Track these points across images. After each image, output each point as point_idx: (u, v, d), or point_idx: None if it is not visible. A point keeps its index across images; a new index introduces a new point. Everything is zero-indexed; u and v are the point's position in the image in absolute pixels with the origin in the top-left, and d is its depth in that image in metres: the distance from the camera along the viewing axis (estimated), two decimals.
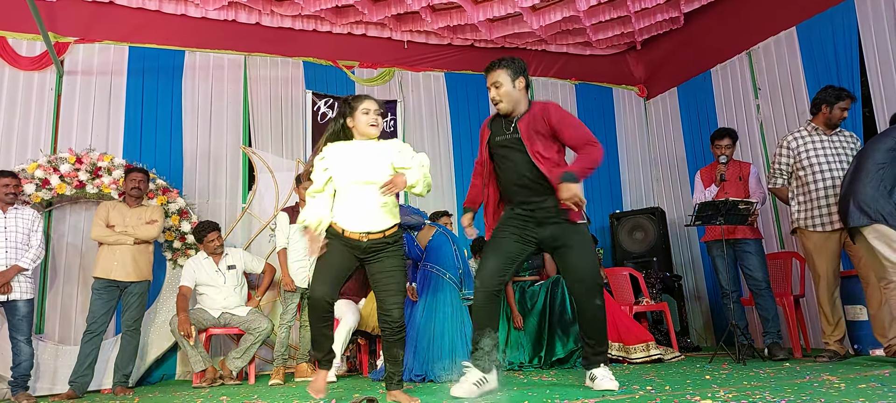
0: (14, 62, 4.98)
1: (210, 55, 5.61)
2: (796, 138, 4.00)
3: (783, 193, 4.11)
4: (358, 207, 2.77)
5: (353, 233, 2.75)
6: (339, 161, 2.82)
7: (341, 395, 3.29)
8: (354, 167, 2.79)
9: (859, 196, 3.34)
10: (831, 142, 3.92)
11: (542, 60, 6.67)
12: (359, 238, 2.75)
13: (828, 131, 3.95)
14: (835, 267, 3.86)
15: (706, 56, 6.12)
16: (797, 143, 3.98)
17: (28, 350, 3.97)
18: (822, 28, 5.00)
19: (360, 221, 2.76)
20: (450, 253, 4.09)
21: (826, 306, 3.86)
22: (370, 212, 2.76)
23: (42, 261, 4.49)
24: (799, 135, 4.01)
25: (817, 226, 3.85)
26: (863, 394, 2.31)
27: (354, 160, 2.81)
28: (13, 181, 4.09)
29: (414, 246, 4.16)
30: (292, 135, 5.74)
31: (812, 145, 3.93)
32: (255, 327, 4.48)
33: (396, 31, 6.06)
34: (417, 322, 3.91)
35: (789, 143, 4.01)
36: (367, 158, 2.81)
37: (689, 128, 6.36)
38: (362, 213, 2.76)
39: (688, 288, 6.20)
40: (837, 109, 3.89)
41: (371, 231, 2.76)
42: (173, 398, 3.62)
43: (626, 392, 2.75)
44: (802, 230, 3.95)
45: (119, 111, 5.24)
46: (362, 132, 2.85)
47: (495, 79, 3.04)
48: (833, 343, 3.84)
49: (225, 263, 4.68)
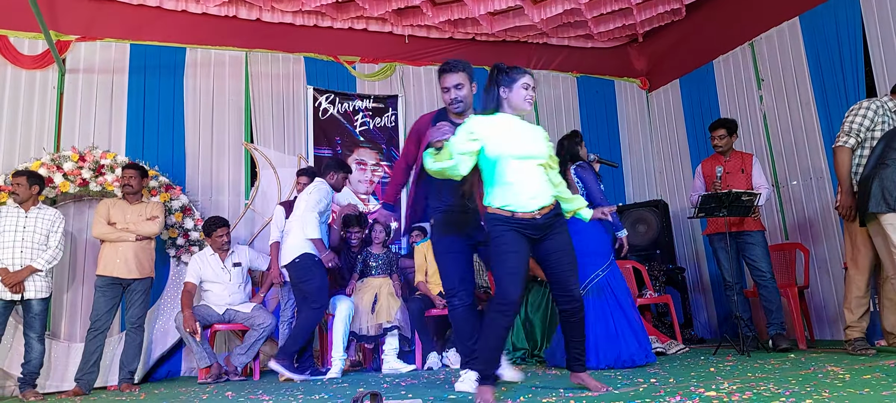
0: (16, 61, 4.99)
1: (211, 52, 5.61)
2: (882, 105, 3.51)
3: (846, 158, 3.51)
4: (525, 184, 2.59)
5: (525, 213, 2.57)
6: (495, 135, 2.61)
7: (346, 390, 3.30)
8: (517, 141, 2.62)
9: (886, 181, 3.21)
10: None
11: (544, 54, 6.65)
12: (533, 216, 2.58)
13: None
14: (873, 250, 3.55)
15: (708, 47, 6.09)
16: (883, 112, 3.50)
17: (40, 348, 4.00)
18: (826, 18, 4.97)
19: (531, 200, 2.58)
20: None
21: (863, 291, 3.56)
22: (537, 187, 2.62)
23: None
24: (884, 105, 3.52)
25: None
26: (868, 384, 2.31)
27: (515, 134, 2.64)
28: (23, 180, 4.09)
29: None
30: (294, 131, 5.75)
31: (890, 121, 3.50)
32: (259, 323, 4.49)
33: (397, 25, 6.05)
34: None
35: (876, 110, 3.49)
36: (525, 132, 2.67)
37: (691, 120, 6.34)
38: (532, 190, 2.59)
39: (691, 280, 6.20)
40: None
41: (543, 205, 2.60)
42: (179, 394, 3.64)
43: (630, 385, 2.75)
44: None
45: (121, 109, 5.25)
46: (517, 107, 2.70)
47: (459, 80, 3.03)
48: (860, 332, 3.61)
49: (231, 260, 4.69)
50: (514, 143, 2.61)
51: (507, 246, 2.54)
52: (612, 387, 2.72)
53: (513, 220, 2.56)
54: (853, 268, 3.63)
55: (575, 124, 6.67)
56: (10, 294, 3.91)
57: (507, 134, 2.63)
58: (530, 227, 2.58)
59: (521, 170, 2.59)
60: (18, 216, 4.05)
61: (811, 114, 5.11)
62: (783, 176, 5.36)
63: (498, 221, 2.58)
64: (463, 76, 3.04)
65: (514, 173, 2.58)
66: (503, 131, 2.63)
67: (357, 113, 5.94)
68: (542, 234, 2.62)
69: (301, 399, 3.04)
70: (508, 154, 2.58)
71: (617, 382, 2.91)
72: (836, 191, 3.64)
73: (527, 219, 2.56)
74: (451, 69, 3.05)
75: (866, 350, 3.50)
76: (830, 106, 4.91)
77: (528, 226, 2.57)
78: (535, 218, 2.57)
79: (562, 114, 6.66)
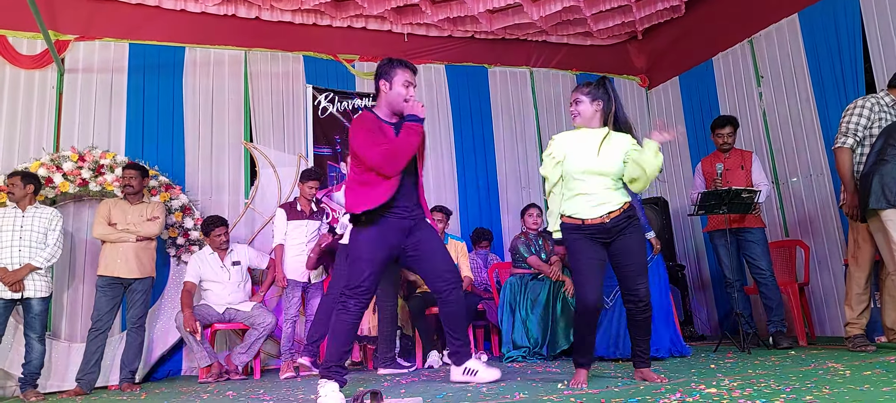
0: (15, 61, 4.98)
1: (210, 51, 5.61)
2: (878, 102, 3.51)
3: (847, 158, 3.52)
4: (591, 195, 2.80)
5: (594, 220, 2.77)
6: (569, 150, 2.87)
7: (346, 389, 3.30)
8: (587, 156, 2.83)
9: (886, 177, 3.20)
10: None
11: (543, 51, 6.64)
12: (601, 220, 2.77)
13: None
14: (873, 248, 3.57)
15: (708, 44, 6.09)
16: (878, 108, 3.50)
17: (40, 349, 4.00)
18: (825, 14, 4.97)
19: (597, 207, 2.78)
20: None
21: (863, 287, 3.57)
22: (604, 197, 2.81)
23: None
24: (880, 101, 3.52)
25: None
26: (868, 381, 2.31)
27: (587, 148, 2.85)
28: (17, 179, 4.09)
29: None
30: (294, 130, 5.74)
31: (888, 116, 3.49)
32: (259, 322, 4.49)
33: (396, 23, 6.04)
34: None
35: (871, 106, 3.50)
36: (595, 146, 2.86)
37: (691, 117, 6.34)
38: (598, 200, 2.80)
39: (692, 277, 6.20)
40: None
41: (611, 209, 2.78)
42: (180, 393, 3.64)
43: (630, 383, 2.76)
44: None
45: (120, 108, 5.24)
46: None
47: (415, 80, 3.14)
48: (860, 329, 3.62)
49: (230, 259, 4.69)
50: (584, 158, 2.83)
51: (583, 255, 2.78)
52: (613, 385, 2.72)
53: (582, 227, 2.78)
54: (853, 265, 3.63)
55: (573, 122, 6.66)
56: (9, 293, 3.91)
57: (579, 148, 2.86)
58: (601, 232, 2.78)
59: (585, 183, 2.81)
60: (16, 216, 4.05)
61: (810, 111, 5.11)
62: (783, 172, 5.36)
63: (570, 229, 2.82)
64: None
65: (579, 185, 2.82)
66: (576, 146, 2.87)
67: (356, 111, 5.93)
68: (613, 237, 2.80)
69: (301, 398, 3.04)
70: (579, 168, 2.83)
71: (617, 380, 2.92)
72: (839, 189, 3.64)
73: (595, 224, 2.77)
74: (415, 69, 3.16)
75: (866, 346, 3.50)
76: (830, 102, 4.91)
77: (598, 232, 2.78)
78: (605, 223, 2.77)
79: (561, 112, 6.66)
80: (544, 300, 4.48)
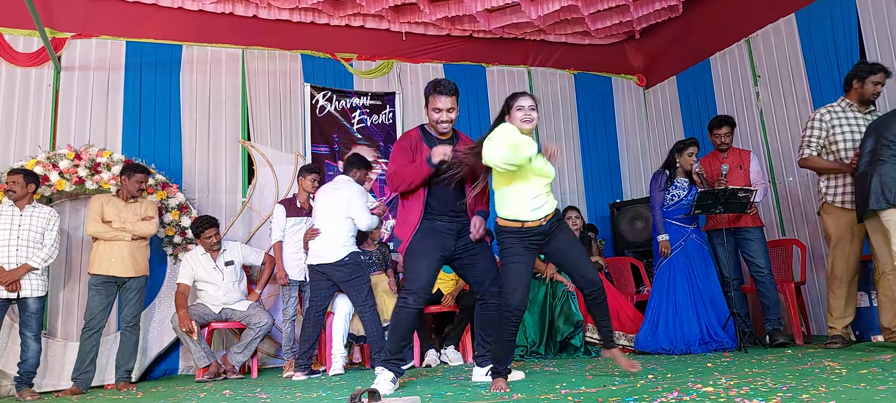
0: (11, 58, 4.96)
1: (208, 49, 5.59)
2: (830, 111, 3.78)
3: (814, 162, 3.82)
4: (530, 197, 2.87)
5: (533, 222, 2.86)
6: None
7: (344, 387, 3.30)
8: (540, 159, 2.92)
9: (885, 177, 3.20)
10: (866, 120, 3.68)
11: (541, 50, 6.65)
12: (539, 223, 2.87)
13: (862, 108, 3.74)
14: (859, 249, 3.70)
15: (705, 44, 6.10)
16: (830, 117, 3.75)
17: (36, 347, 3.98)
18: (821, 14, 4.98)
19: (537, 209, 2.87)
20: None
21: (843, 289, 3.67)
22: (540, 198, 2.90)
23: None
24: (832, 109, 3.79)
25: (847, 204, 3.65)
26: (864, 379, 2.32)
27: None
28: (20, 178, 4.07)
29: None
30: (291, 129, 5.73)
31: (845, 121, 3.71)
32: (255, 322, 4.48)
33: (394, 22, 6.04)
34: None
35: (822, 117, 3.78)
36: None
37: (688, 116, 6.35)
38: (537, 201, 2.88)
39: None
40: (870, 84, 3.67)
41: (548, 213, 2.90)
42: (177, 392, 3.63)
43: (628, 382, 2.76)
44: (830, 205, 3.73)
45: (117, 106, 5.22)
46: (517, 127, 2.95)
47: (452, 104, 3.15)
48: (841, 329, 3.71)
49: (222, 260, 4.63)
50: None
51: (515, 259, 2.88)
52: (610, 384, 2.73)
53: (521, 231, 2.87)
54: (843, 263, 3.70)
55: (572, 121, 6.67)
56: (5, 292, 3.90)
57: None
58: (538, 235, 2.89)
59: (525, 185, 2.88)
60: (13, 214, 4.03)
61: (807, 111, 5.10)
62: (780, 172, 5.37)
63: (506, 232, 2.90)
64: (455, 100, 3.18)
65: (519, 187, 2.88)
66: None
67: (354, 110, 5.92)
68: (547, 239, 2.92)
69: (299, 397, 3.04)
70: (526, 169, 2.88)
71: (614, 378, 2.92)
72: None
73: (534, 227, 2.86)
74: (448, 92, 3.13)
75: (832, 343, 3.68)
76: (826, 102, 4.84)
77: (535, 235, 2.88)
78: (542, 225, 2.88)
79: (559, 111, 6.66)
80: (541, 299, 4.48)
